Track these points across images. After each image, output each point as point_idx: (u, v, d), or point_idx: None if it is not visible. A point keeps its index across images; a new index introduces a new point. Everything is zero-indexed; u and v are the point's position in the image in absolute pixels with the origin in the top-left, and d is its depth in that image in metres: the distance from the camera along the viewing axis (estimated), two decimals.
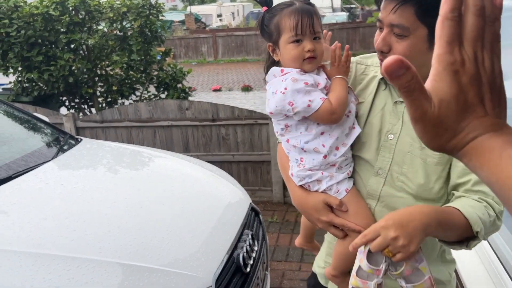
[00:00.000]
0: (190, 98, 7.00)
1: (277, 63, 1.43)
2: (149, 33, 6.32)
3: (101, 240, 2.12)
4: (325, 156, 1.35)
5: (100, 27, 6.35)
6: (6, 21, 5.84)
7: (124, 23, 6.24)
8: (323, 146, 1.35)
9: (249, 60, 18.92)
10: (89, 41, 6.08)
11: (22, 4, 5.97)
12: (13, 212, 2.32)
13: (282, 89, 1.31)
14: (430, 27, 1.19)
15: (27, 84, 6.31)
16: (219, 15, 33.98)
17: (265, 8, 1.39)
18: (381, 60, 1.30)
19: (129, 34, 6.26)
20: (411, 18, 1.18)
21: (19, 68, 6.17)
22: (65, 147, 3.24)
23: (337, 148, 1.37)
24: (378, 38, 1.27)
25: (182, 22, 25.60)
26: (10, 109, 3.52)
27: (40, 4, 5.87)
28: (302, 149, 1.38)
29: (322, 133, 1.36)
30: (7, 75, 6.41)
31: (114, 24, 6.21)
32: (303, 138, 1.37)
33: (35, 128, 3.47)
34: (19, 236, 2.06)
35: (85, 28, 6.19)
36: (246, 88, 12.79)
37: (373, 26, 15.83)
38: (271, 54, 1.41)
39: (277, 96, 1.32)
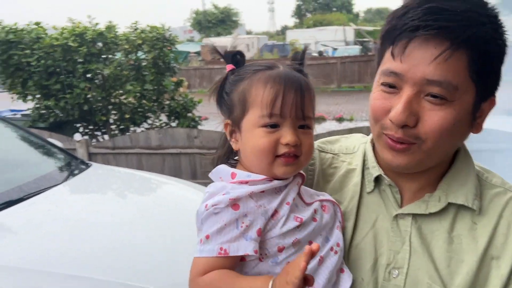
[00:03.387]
0: (199, 127, 7.16)
1: (234, 155, 0.99)
2: (162, 64, 6.56)
3: (103, 261, 2.21)
4: None
5: (116, 58, 6.62)
6: (28, 51, 6.16)
7: (138, 54, 6.50)
8: None
9: None
10: (105, 70, 6.34)
11: (43, 35, 6.30)
12: (23, 232, 2.44)
13: (210, 203, 0.85)
14: (479, 89, 0.84)
15: (44, 111, 6.57)
16: (234, 47, 34.60)
17: (230, 66, 0.96)
18: (394, 142, 0.87)
19: (143, 64, 6.51)
20: (461, 73, 0.81)
21: (38, 96, 6.44)
22: (75, 172, 3.37)
23: None
24: (391, 104, 0.85)
25: (198, 53, 26.22)
26: (26, 134, 3.69)
27: (60, 35, 6.18)
28: None
29: None
30: (25, 102, 6.69)
31: (129, 55, 6.47)
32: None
33: (48, 153, 3.62)
34: (26, 254, 2.17)
35: (101, 59, 6.46)
36: None
37: None
38: (228, 137, 0.96)
39: (201, 209, 0.87)
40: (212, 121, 13.11)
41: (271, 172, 0.89)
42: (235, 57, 0.96)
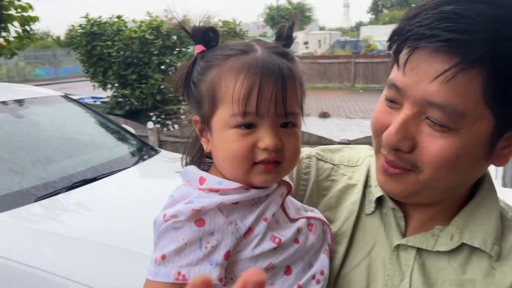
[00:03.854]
0: None
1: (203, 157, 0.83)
2: None
3: None
4: None
5: (189, 51, 6.92)
6: (110, 42, 6.62)
7: None
8: None
9: (330, 87, 18.99)
10: (178, 63, 6.64)
11: (123, 28, 6.73)
12: (95, 209, 2.68)
13: (170, 213, 0.69)
14: (500, 117, 0.69)
15: (121, 99, 7.03)
16: (306, 43, 34.56)
17: (199, 48, 0.78)
18: (388, 164, 0.75)
19: None
20: (472, 97, 0.66)
21: (116, 85, 6.91)
22: (145, 157, 3.60)
23: None
24: (391, 121, 0.73)
25: None
26: (104, 120, 3.99)
27: (138, 28, 6.58)
28: None
29: None
30: (105, 90, 7.20)
31: None
32: None
33: (122, 138, 3.89)
34: (95, 229, 2.38)
35: (175, 51, 6.78)
36: (324, 115, 12.87)
37: None
38: (198, 135, 0.80)
39: (159, 218, 0.71)
40: None
41: (247, 180, 0.73)
42: (206, 36, 0.77)
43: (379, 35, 30.72)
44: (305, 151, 0.93)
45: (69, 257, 2.11)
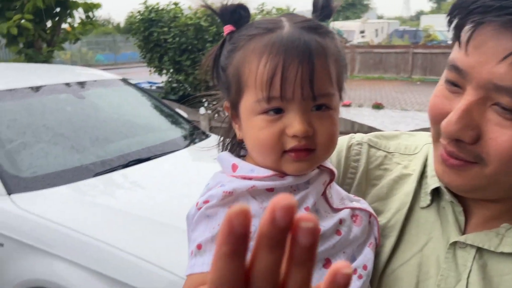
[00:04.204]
0: None
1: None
2: None
3: None
4: None
5: None
6: (166, 29, 6.82)
7: None
8: None
9: (386, 78, 18.48)
10: None
11: (179, 15, 6.90)
12: (147, 187, 2.81)
13: (202, 200, 0.67)
14: None
15: (175, 85, 7.25)
16: (362, 32, 33.72)
17: (228, 28, 0.72)
18: (448, 154, 0.67)
19: None
20: None
21: (171, 70, 7.12)
22: (196, 140, 3.71)
23: None
24: (451, 107, 0.65)
25: None
26: (158, 104, 4.14)
27: (193, 15, 6.72)
28: None
29: None
30: (160, 76, 7.44)
31: None
32: None
33: (175, 122, 4.03)
34: (147, 205, 2.51)
35: None
36: (377, 106, 12.57)
37: None
38: (232, 122, 0.76)
39: (192, 210, 0.69)
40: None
41: (279, 169, 0.68)
42: (236, 14, 0.70)
43: (440, 25, 29.38)
44: (357, 137, 0.87)
45: (121, 229, 2.24)
